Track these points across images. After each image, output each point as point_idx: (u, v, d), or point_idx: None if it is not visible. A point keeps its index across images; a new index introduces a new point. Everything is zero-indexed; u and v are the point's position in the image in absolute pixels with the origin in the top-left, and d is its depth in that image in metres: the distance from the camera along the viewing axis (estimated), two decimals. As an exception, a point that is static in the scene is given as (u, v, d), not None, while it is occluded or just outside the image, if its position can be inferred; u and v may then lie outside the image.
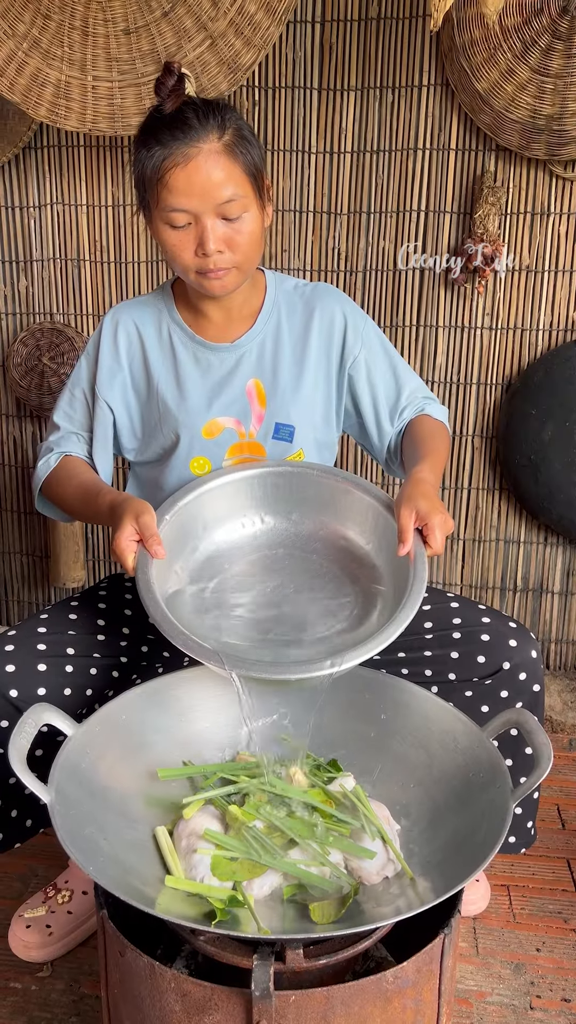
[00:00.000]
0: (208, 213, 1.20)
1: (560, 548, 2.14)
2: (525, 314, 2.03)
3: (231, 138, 1.20)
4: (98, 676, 1.33)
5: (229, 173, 1.19)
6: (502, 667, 1.33)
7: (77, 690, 1.30)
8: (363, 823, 1.05)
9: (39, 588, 2.39)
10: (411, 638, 1.38)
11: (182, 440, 1.36)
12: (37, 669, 1.27)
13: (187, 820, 1.06)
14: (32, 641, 1.29)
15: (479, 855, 0.95)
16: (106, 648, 1.35)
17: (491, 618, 1.36)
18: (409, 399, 1.43)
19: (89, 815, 1.03)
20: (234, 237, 1.22)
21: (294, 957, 0.91)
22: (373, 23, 1.92)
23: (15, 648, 1.28)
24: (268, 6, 1.74)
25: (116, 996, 1.03)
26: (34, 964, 1.42)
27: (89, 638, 1.34)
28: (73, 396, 1.41)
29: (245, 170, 1.20)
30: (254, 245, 1.24)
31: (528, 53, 1.80)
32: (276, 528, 1.33)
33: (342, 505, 1.31)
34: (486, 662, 1.33)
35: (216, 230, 1.20)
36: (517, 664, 1.33)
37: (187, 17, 1.76)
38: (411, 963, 0.96)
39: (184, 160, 1.17)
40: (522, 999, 1.37)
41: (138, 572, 1.17)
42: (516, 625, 1.36)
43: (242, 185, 1.20)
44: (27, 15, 1.78)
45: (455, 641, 1.35)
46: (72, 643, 1.32)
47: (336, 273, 2.06)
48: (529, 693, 1.35)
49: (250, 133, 1.23)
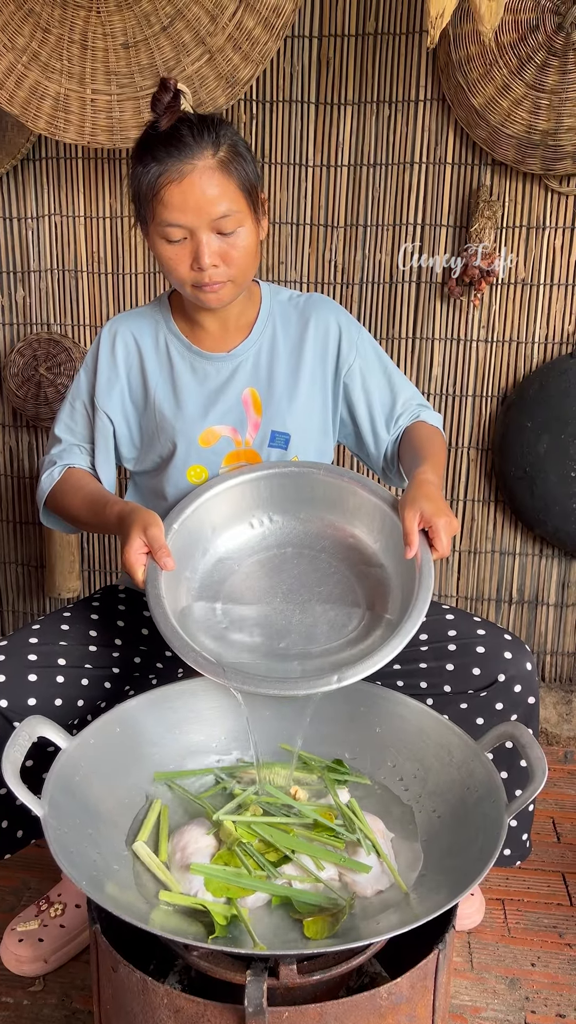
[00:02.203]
0: (203, 228, 1.21)
1: (555, 560, 2.15)
2: (520, 327, 2.03)
3: (225, 154, 1.21)
4: (90, 687, 1.32)
5: (223, 189, 1.20)
6: (497, 679, 1.33)
7: (68, 701, 1.30)
8: (358, 837, 1.05)
9: (34, 598, 2.38)
10: (407, 650, 1.37)
11: (179, 448, 1.37)
12: (27, 679, 1.26)
13: (180, 834, 1.06)
14: (23, 651, 1.29)
15: (474, 869, 0.95)
16: (98, 659, 1.35)
17: (486, 630, 1.36)
18: (404, 406, 1.44)
19: (82, 828, 1.02)
20: (229, 251, 1.23)
21: (288, 973, 0.91)
22: (370, 38, 1.93)
23: (5, 658, 1.27)
24: (266, 21, 1.75)
25: (108, 1011, 1.02)
26: (26, 979, 1.41)
27: (81, 648, 1.34)
28: (73, 408, 1.42)
29: (239, 186, 1.22)
30: (249, 259, 1.26)
31: (524, 69, 1.81)
32: (285, 527, 1.34)
33: (349, 505, 1.32)
34: (481, 674, 1.33)
35: (211, 245, 1.22)
36: (512, 676, 1.33)
37: (186, 32, 1.77)
38: (405, 979, 0.96)
39: (179, 176, 1.19)
40: (517, 1014, 1.37)
41: (148, 585, 1.17)
42: (511, 638, 1.36)
43: (236, 201, 1.21)
44: (27, 28, 1.79)
45: (450, 653, 1.35)
46: (63, 653, 1.31)
47: (333, 285, 2.07)
48: (524, 705, 1.35)
49: (245, 148, 1.25)
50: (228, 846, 1.03)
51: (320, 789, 1.15)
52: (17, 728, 1.06)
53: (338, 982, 1.05)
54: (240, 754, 1.23)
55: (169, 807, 1.13)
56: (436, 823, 1.09)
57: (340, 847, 1.05)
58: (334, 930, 0.94)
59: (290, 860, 1.02)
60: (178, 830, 1.07)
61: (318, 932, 0.94)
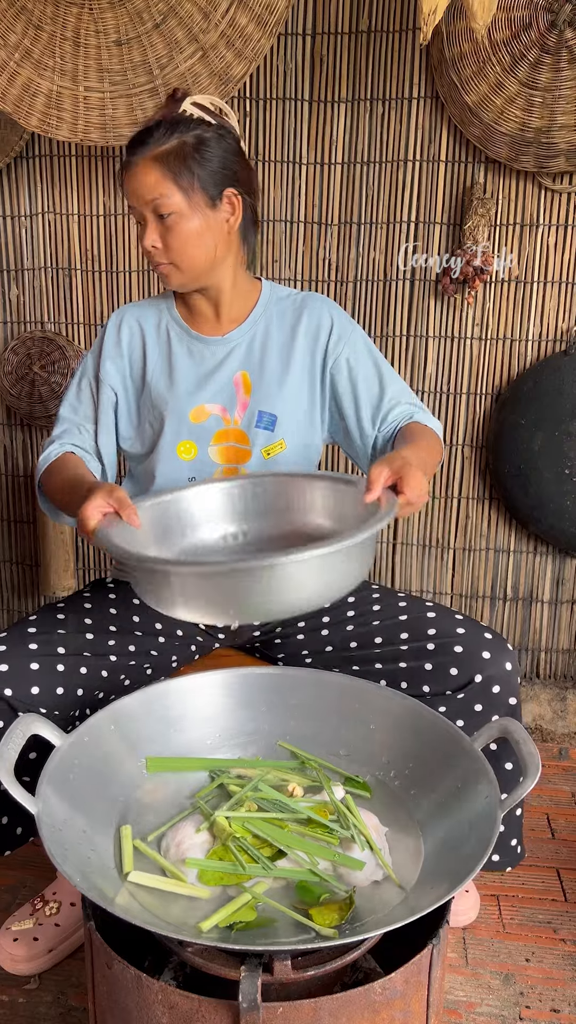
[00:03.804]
0: (147, 212, 1.34)
1: (550, 557, 2.15)
2: (514, 325, 2.04)
3: (168, 148, 1.31)
4: (88, 675, 1.33)
5: (156, 178, 1.32)
6: (473, 680, 1.32)
7: (69, 690, 1.31)
8: (352, 834, 1.05)
9: (29, 597, 2.38)
10: (387, 649, 1.38)
11: (169, 422, 1.43)
12: (30, 668, 1.27)
13: (174, 831, 1.06)
14: (24, 640, 1.30)
15: (468, 865, 0.95)
16: (94, 647, 1.36)
17: (466, 629, 1.35)
18: (392, 402, 1.44)
19: (77, 826, 1.02)
20: (166, 235, 1.34)
21: (282, 969, 0.91)
22: (363, 36, 1.93)
23: (7, 648, 1.28)
24: (259, 19, 1.75)
25: (103, 1008, 1.02)
26: (21, 977, 1.41)
27: (79, 636, 1.35)
28: (80, 388, 1.49)
29: (174, 177, 1.31)
30: (187, 246, 1.34)
31: (517, 67, 1.81)
32: (252, 531, 1.35)
33: (307, 500, 1.33)
34: (458, 675, 1.33)
35: (150, 228, 1.34)
36: (490, 677, 1.32)
37: (178, 29, 1.76)
38: (399, 974, 0.96)
39: (131, 167, 1.34)
40: (511, 1010, 1.37)
41: (99, 534, 1.14)
42: (492, 636, 1.35)
43: (169, 190, 1.31)
44: (19, 26, 1.78)
45: (429, 652, 1.35)
46: (62, 643, 1.32)
47: (327, 283, 2.07)
48: (505, 706, 1.33)
49: (206, 146, 1.33)
50: (222, 842, 1.03)
51: (316, 785, 1.15)
52: (11, 726, 1.06)
53: (333, 978, 1.05)
54: (234, 753, 1.23)
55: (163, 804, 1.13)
56: (430, 819, 1.09)
57: (335, 843, 1.05)
58: (344, 919, 0.94)
59: (285, 855, 1.02)
60: (173, 827, 1.07)
61: (327, 921, 0.94)
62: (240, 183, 1.37)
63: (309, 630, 1.47)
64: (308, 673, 1.30)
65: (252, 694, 1.27)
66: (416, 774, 1.15)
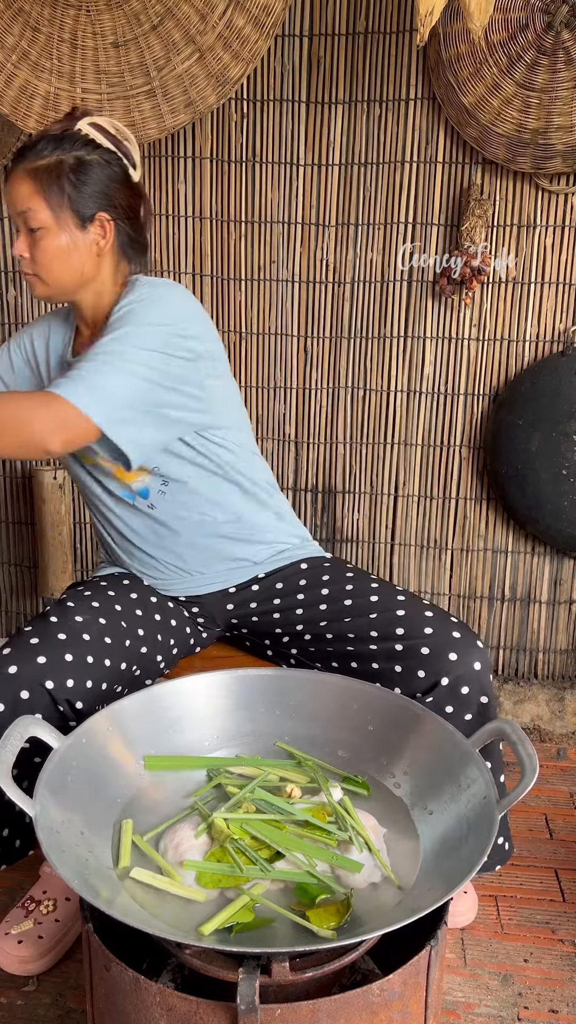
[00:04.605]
0: (18, 220, 1.36)
1: (547, 558, 2.15)
2: (512, 325, 2.04)
3: (45, 163, 1.32)
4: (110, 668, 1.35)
5: (27, 191, 1.33)
6: (440, 683, 1.31)
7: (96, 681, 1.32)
8: (351, 835, 1.05)
9: (27, 598, 2.38)
10: (361, 647, 1.39)
11: None
12: (65, 659, 1.28)
13: (172, 832, 1.06)
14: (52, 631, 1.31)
15: (466, 866, 0.95)
16: (113, 635, 1.37)
17: (434, 628, 1.34)
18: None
19: (75, 828, 1.02)
20: (33, 247, 1.35)
21: (280, 970, 0.91)
22: (360, 37, 1.94)
23: (40, 641, 1.29)
24: (256, 20, 1.75)
25: (102, 1011, 1.02)
26: (19, 978, 1.41)
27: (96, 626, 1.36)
28: None
29: (44, 193, 1.32)
30: (52, 262, 1.35)
31: (514, 68, 1.82)
32: None
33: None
34: (425, 677, 1.33)
35: (21, 237, 1.36)
36: (458, 677, 1.31)
37: (176, 30, 1.77)
38: (398, 975, 0.96)
39: (9, 175, 1.36)
40: (510, 1010, 1.37)
41: None
42: (460, 635, 1.34)
43: (37, 205, 1.32)
44: (16, 27, 1.78)
45: (398, 653, 1.35)
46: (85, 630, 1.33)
47: (324, 284, 2.08)
48: (476, 705, 1.33)
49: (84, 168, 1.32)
50: (220, 843, 1.03)
51: (314, 786, 1.15)
52: (8, 729, 1.06)
53: (331, 979, 1.05)
54: (232, 754, 1.23)
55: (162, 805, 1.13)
56: (428, 820, 1.09)
57: (333, 844, 1.05)
58: (342, 921, 0.94)
59: (283, 857, 1.02)
60: (171, 828, 1.07)
61: (323, 922, 0.94)
62: (117, 208, 1.36)
63: (283, 608, 1.50)
64: (307, 674, 1.31)
65: (250, 695, 1.27)
66: (414, 775, 1.15)
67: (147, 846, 1.04)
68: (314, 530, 2.22)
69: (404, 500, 2.17)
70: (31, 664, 1.25)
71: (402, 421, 2.12)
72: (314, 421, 2.15)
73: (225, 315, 2.11)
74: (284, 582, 1.51)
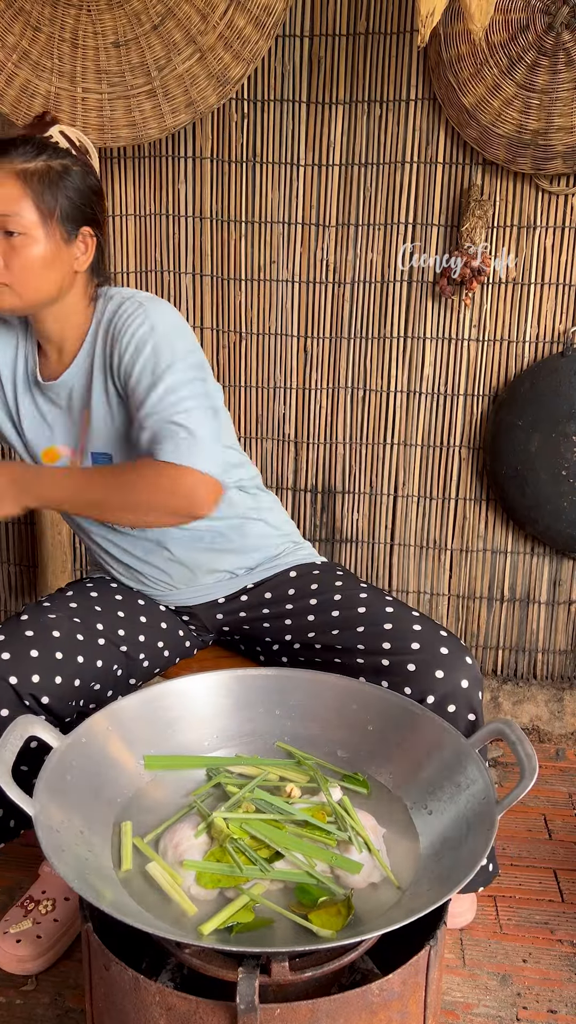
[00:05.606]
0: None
1: (547, 558, 2.15)
2: (511, 326, 2.04)
3: (35, 167, 1.24)
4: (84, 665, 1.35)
5: (14, 193, 1.23)
6: (425, 700, 1.29)
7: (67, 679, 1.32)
8: (350, 835, 1.05)
9: (27, 597, 2.38)
10: (347, 659, 1.38)
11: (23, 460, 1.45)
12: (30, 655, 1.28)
13: (172, 832, 1.06)
14: (20, 628, 1.31)
15: (465, 866, 0.95)
16: (86, 634, 1.37)
17: (421, 643, 1.32)
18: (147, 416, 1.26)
19: (74, 827, 1.02)
20: (11, 254, 1.24)
21: (279, 970, 0.91)
22: (361, 38, 1.94)
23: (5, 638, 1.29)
24: (257, 20, 1.75)
25: (101, 1010, 1.02)
26: (18, 978, 1.41)
27: (71, 623, 1.36)
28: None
29: (34, 198, 1.24)
30: (31, 273, 1.25)
31: (514, 69, 1.82)
32: None
33: None
34: (411, 694, 1.30)
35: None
36: (444, 696, 1.29)
37: (176, 31, 1.77)
38: (397, 975, 0.96)
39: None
40: (508, 1010, 1.37)
41: None
42: (448, 651, 1.31)
43: (25, 210, 1.23)
44: (17, 27, 1.78)
45: (385, 668, 1.33)
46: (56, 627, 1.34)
47: (324, 284, 2.08)
48: (464, 723, 1.31)
49: (71, 178, 1.26)
50: (220, 843, 1.03)
51: (313, 786, 1.15)
52: (9, 728, 1.06)
53: (330, 979, 1.05)
54: (232, 754, 1.23)
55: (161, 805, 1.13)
56: (428, 820, 1.09)
57: (332, 844, 1.05)
58: (345, 923, 0.94)
59: (282, 857, 1.03)
60: (170, 828, 1.08)
61: (326, 924, 0.94)
62: (96, 224, 1.31)
63: (273, 617, 1.49)
64: (306, 674, 1.30)
65: (250, 695, 1.27)
66: (414, 775, 1.15)
67: (148, 848, 1.04)
68: (314, 530, 2.22)
69: (404, 500, 2.17)
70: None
71: (402, 421, 2.12)
72: (314, 421, 2.15)
73: (225, 315, 2.12)
74: (273, 591, 1.50)
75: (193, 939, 0.92)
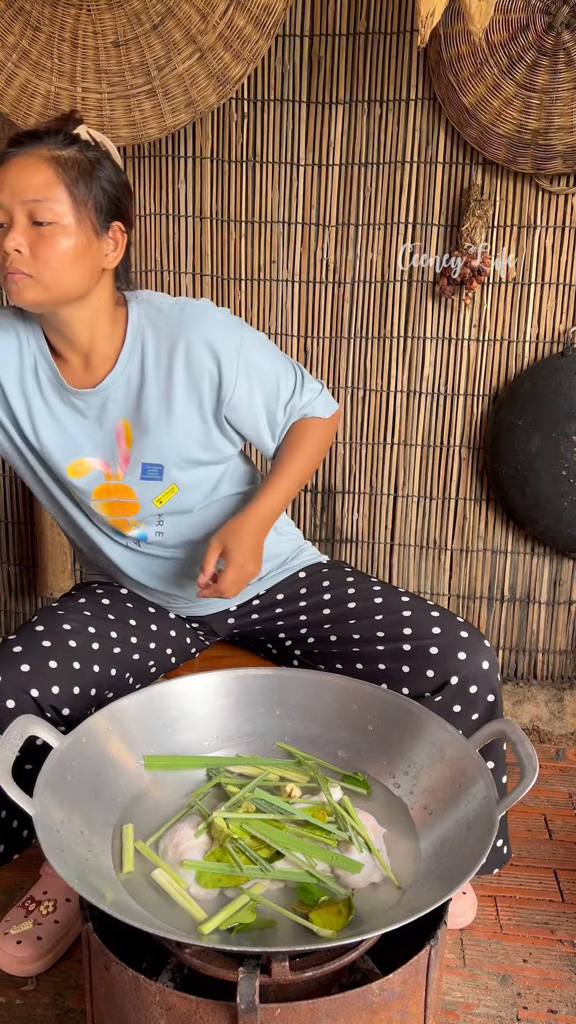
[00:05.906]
0: (17, 210, 1.17)
1: (547, 558, 2.15)
2: (512, 326, 2.04)
3: (69, 155, 1.19)
4: (99, 674, 1.35)
5: (47, 179, 1.17)
6: (449, 682, 1.31)
7: (84, 688, 1.31)
8: (350, 835, 1.05)
9: (27, 598, 2.38)
10: (367, 648, 1.39)
11: (43, 477, 1.39)
12: (49, 667, 1.27)
13: (172, 832, 1.06)
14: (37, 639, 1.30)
15: (465, 866, 0.95)
16: (101, 642, 1.37)
17: (442, 628, 1.34)
18: (288, 412, 1.41)
19: (75, 827, 1.02)
20: (39, 243, 1.17)
21: (280, 970, 0.91)
22: (361, 38, 1.94)
23: (23, 649, 1.28)
24: (257, 20, 1.75)
25: (101, 1010, 1.02)
26: (18, 978, 1.41)
27: (86, 632, 1.35)
28: None
29: (68, 185, 1.18)
30: (62, 263, 1.19)
31: (514, 69, 1.82)
32: None
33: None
34: (434, 677, 1.33)
35: (20, 228, 1.17)
36: (466, 676, 1.31)
37: (176, 30, 1.77)
38: (397, 975, 0.96)
39: (10, 158, 1.19)
40: (509, 1010, 1.37)
41: None
42: (467, 635, 1.34)
43: (58, 196, 1.17)
44: (17, 26, 1.78)
45: (406, 654, 1.35)
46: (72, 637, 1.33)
47: (324, 284, 2.07)
48: (483, 704, 1.33)
49: (104, 170, 1.22)
50: (220, 843, 1.03)
51: (314, 786, 1.15)
52: (8, 728, 1.06)
53: (331, 979, 1.05)
54: (232, 754, 1.23)
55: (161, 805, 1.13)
56: (428, 820, 1.09)
57: (332, 844, 1.05)
58: (346, 923, 0.94)
59: (282, 856, 1.02)
60: (170, 828, 1.07)
61: (327, 924, 0.94)
62: (126, 221, 1.27)
63: (286, 615, 1.49)
64: (307, 674, 1.31)
65: (250, 695, 1.27)
66: (414, 775, 1.15)
67: (148, 851, 1.04)
68: (314, 530, 2.22)
69: (404, 500, 2.17)
70: (15, 672, 1.24)
71: (402, 421, 2.12)
72: (314, 421, 2.15)
73: (225, 315, 2.12)
74: (284, 592, 1.51)
75: (193, 939, 0.92)
